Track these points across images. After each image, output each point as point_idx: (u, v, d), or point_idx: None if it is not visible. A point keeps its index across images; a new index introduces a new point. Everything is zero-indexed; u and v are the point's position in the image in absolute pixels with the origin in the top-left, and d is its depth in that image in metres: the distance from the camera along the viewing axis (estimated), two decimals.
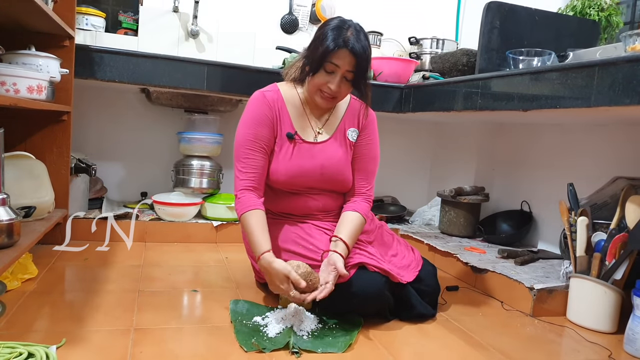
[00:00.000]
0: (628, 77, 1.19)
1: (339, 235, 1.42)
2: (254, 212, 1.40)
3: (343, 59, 1.37)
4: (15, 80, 1.49)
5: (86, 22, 2.29)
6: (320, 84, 1.42)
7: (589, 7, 2.49)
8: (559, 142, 2.20)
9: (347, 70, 1.39)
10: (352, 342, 1.28)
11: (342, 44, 1.36)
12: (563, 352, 1.41)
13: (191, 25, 2.45)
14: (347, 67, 1.39)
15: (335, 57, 1.37)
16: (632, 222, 1.51)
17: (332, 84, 1.41)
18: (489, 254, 2.06)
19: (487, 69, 2.08)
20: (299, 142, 1.51)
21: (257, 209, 1.41)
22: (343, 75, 1.40)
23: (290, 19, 2.71)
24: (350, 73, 1.40)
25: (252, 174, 1.45)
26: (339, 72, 1.39)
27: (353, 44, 1.36)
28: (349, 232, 1.43)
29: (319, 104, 1.48)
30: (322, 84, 1.42)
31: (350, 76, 1.41)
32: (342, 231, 1.44)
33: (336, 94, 1.44)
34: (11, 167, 1.62)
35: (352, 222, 1.47)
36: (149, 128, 2.55)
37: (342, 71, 1.39)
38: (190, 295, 1.58)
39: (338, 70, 1.39)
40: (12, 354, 1.05)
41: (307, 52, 1.47)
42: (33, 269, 1.60)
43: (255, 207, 1.41)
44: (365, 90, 1.49)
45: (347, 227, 1.45)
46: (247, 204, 1.41)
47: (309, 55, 1.44)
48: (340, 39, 1.36)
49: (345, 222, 1.47)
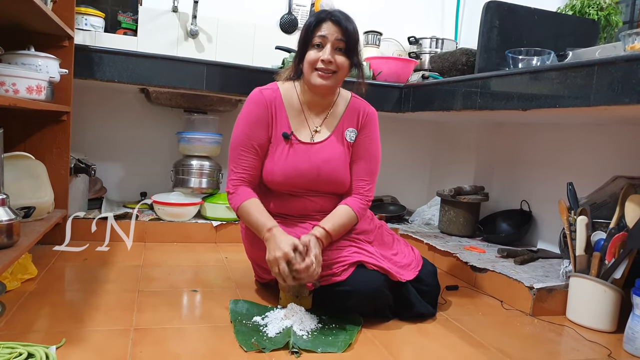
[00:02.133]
0: (627, 76, 1.19)
1: (320, 223, 1.43)
2: (249, 200, 1.43)
3: (328, 29, 1.42)
4: (15, 81, 1.49)
5: (85, 22, 2.29)
6: (313, 59, 1.43)
7: (588, 6, 2.49)
8: (558, 141, 2.20)
9: (336, 39, 1.42)
10: (352, 342, 1.28)
11: (324, 16, 1.42)
12: (563, 351, 1.41)
13: (190, 25, 2.45)
14: (335, 36, 1.41)
15: (320, 29, 1.42)
16: (631, 221, 1.51)
17: (324, 54, 1.42)
18: (488, 253, 2.06)
19: (487, 68, 2.08)
20: (295, 143, 1.51)
21: (252, 198, 1.45)
22: (333, 45, 1.42)
23: (290, 19, 2.71)
24: (341, 42, 1.42)
25: (244, 173, 1.48)
26: (328, 42, 1.42)
27: (335, 14, 1.42)
28: (332, 221, 1.44)
29: (318, 85, 1.46)
30: (315, 59, 1.43)
31: (341, 45, 1.43)
32: (326, 220, 1.44)
33: (332, 66, 1.44)
34: (11, 168, 1.61)
35: (339, 213, 1.47)
36: (148, 128, 2.55)
37: (331, 40, 1.42)
38: (190, 295, 1.58)
39: (326, 40, 1.42)
40: (12, 354, 1.05)
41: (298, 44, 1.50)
42: (33, 269, 1.60)
43: (250, 197, 1.44)
44: (359, 61, 1.50)
45: (333, 216, 1.46)
46: (242, 195, 1.44)
47: (299, 43, 1.48)
48: (321, 14, 1.42)
49: (332, 213, 1.47)
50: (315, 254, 1.33)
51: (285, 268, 1.30)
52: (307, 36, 1.42)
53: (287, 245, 1.31)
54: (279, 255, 1.31)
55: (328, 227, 1.42)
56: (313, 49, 1.43)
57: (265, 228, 1.38)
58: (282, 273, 1.31)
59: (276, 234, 1.36)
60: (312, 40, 1.42)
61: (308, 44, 1.43)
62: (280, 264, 1.30)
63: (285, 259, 1.30)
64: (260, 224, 1.39)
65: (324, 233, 1.40)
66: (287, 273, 1.30)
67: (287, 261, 1.30)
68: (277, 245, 1.32)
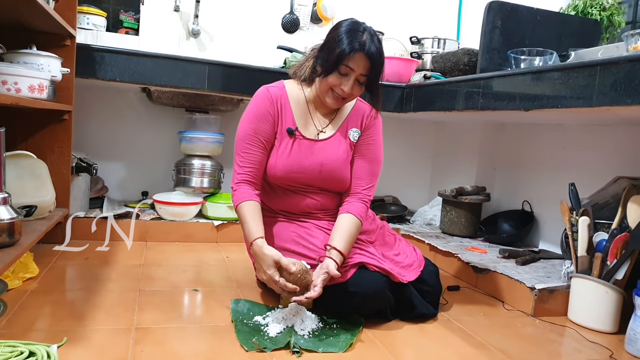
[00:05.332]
0: (630, 77, 1.19)
1: (332, 243, 1.40)
2: (247, 202, 1.43)
3: (358, 63, 1.38)
4: (17, 80, 1.49)
5: (87, 21, 2.29)
6: (333, 84, 1.42)
7: (591, 6, 2.49)
8: (560, 141, 2.20)
9: (361, 74, 1.41)
10: (353, 342, 1.28)
11: (358, 47, 1.36)
12: (564, 352, 1.40)
13: (192, 25, 2.45)
14: (361, 71, 1.40)
15: (351, 60, 1.38)
16: (633, 222, 1.51)
17: (345, 86, 1.41)
18: (490, 253, 2.05)
19: (489, 68, 2.08)
20: (299, 138, 1.51)
21: (251, 200, 1.44)
22: (356, 78, 1.41)
23: (292, 18, 2.71)
24: (364, 77, 1.41)
25: (250, 168, 1.47)
26: (353, 75, 1.40)
27: (369, 48, 1.37)
28: (342, 238, 1.41)
29: (328, 104, 1.48)
30: (335, 85, 1.42)
31: (363, 79, 1.42)
32: (336, 238, 1.41)
33: (348, 96, 1.45)
34: (12, 167, 1.62)
35: (345, 227, 1.44)
36: (150, 127, 2.56)
37: (357, 74, 1.40)
38: (191, 294, 1.58)
39: (352, 73, 1.40)
40: (13, 352, 1.05)
41: (320, 53, 1.46)
42: (34, 268, 1.60)
43: (249, 199, 1.43)
44: (377, 94, 1.50)
45: (341, 232, 1.43)
46: (241, 195, 1.44)
47: (323, 57, 1.43)
48: (356, 42, 1.36)
49: (338, 228, 1.44)
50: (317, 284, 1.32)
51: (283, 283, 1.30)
52: (338, 60, 1.38)
53: (270, 267, 1.31)
54: (266, 279, 1.33)
55: (342, 248, 1.39)
56: (337, 73, 1.41)
57: (250, 239, 1.38)
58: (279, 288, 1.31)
59: (258, 248, 1.35)
60: (339, 67, 1.39)
61: (335, 68, 1.40)
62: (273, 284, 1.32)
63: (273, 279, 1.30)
64: (248, 232, 1.40)
65: (339, 257, 1.38)
66: (284, 283, 1.30)
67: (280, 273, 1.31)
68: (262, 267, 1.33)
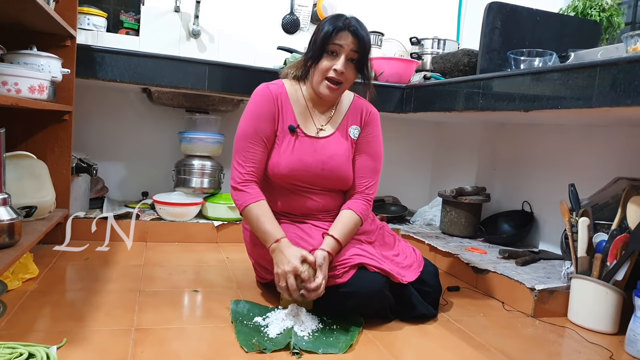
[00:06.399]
0: (629, 78, 1.19)
1: (330, 232, 1.43)
2: (261, 202, 1.43)
3: (345, 39, 1.41)
4: (17, 80, 1.49)
5: (88, 22, 2.29)
6: (325, 68, 1.43)
7: (590, 7, 2.49)
8: (560, 142, 2.20)
9: (351, 50, 1.42)
10: (353, 343, 1.28)
11: (342, 26, 1.40)
12: (564, 352, 1.40)
13: (192, 25, 2.46)
14: (350, 47, 1.41)
15: (337, 37, 1.41)
16: (633, 223, 1.51)
17: (337, 64, 1.42)
18: (490, 254, 2.05)
19: (489, 69, 2.08)
20: (301, 136, 1.51)
21: (263, 200, 1.44)
22: (347, 56, 1.42)
23: (292, 19, 2.71)
24: (354, 53, 1.42)
25: (252, 167, 1.47)
26: (343, 52, 1.42)
27: (353, 25, 1.41)
28: (340, 229, 1.44)
29: (324, 95, 1.48)
30: (328, 68, 1.43)
31: (354, 56, 1.43)
32: (334, 228, 1.44)
33: (342, 78, 1.44)
34: (12, 167, 1.62)
35: (345, 220, 1.47)
36: (150, 128, 2.56)
37: (346, 51, 1.42)
38: (191, 295, 1.58)
39: (342, 50, 1.42)
40: (13, 354, 1.05)
41: (308, 49, 1.49)
42: (34, 269, 1.60)
43: (261, 198, 1.44)
44: (368, 75, 1.50)
45: (340, 224, 1.46)
46: (252, 195, 1.43)
47: (310, 48, 1.46)
48: (339, 22, 1.41)
49: (338, 220, 1.48)
50: (325, 274, 1.33)
51: (294, 282, 1.30)
52: (323, 43, 1.41)
53: (296, 259, 1.32)
54: (288, 270, 1.31)
55: (338, 235, 1.41)
56: (327, 57, 1.43)
57: (272, 238, 1.38)
58: (290, 287, 1.31)
59: (284, 246, 1.36)
60: (327, 47, 1.41)
61: (323, 50, 1.42)
62: (289, 278, 1.31)
63: (294, 273, 1.30)
64: (268, 233, 1.39)
65: (334, 245, 1.40)
66: (295, 287, 1.31)
67: (295, 275, 1.31)
68: (287, 258, 1.32)
